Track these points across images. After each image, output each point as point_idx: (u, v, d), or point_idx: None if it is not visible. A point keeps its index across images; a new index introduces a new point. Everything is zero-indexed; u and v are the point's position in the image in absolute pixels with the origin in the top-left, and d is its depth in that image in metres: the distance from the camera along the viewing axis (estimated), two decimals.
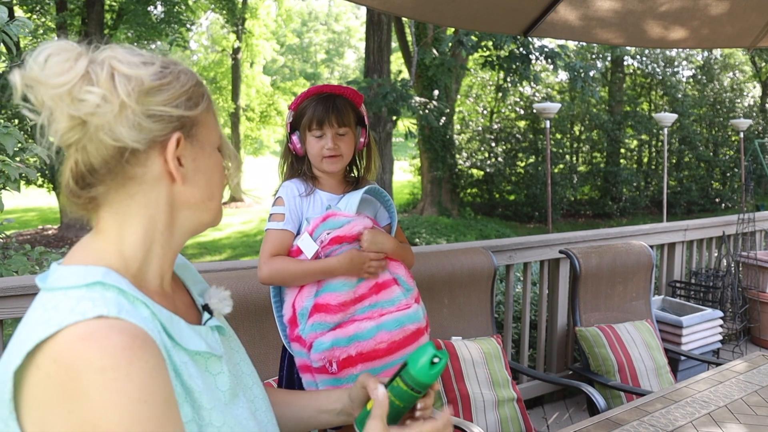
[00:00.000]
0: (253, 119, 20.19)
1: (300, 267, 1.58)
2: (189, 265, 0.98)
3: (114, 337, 0.66)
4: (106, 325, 0.67)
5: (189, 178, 0.82)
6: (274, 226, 1.65)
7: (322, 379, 1.55)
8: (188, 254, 13.28)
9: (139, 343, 0.68)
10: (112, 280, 0.74)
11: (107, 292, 0.72)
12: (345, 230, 1.59)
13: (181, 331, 0.79)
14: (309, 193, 1.69)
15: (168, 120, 0.78)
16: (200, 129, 0.83)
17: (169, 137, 0.78)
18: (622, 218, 16.52)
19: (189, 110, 0.80)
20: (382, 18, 10.56)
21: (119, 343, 0.66)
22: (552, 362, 3.39)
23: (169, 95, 0.78)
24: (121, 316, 0.69)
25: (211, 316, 0.90)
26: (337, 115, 1.63)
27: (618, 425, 1.59)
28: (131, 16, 13.73)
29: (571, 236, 3.43)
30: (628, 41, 3.25)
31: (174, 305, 0.84)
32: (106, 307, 0.69)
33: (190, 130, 0.81)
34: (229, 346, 0.93)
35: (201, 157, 0.84)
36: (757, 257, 4.07)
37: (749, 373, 2.01)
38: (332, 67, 37.00)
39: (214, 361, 0.83)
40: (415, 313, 1.60)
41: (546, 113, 7.41)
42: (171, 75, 0.80)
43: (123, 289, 0.74)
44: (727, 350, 3.92)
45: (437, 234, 12.43)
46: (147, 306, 0.76)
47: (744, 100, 18.64)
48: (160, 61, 0.81)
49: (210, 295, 0.93)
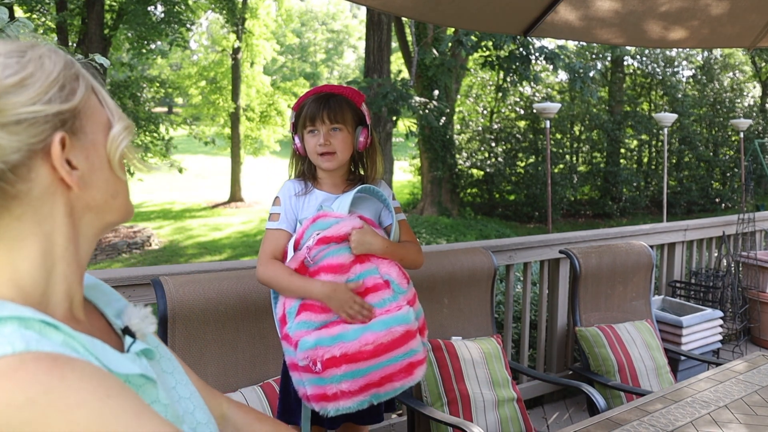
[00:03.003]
0: (253, 119, 20.18)
1: (287, 280, 1.60)
2: (99, 283, 0.85)
3: (29, 366, 0.56)
4: (12, 360, 0.56)
5: (86, 180, 0.69)
6: (271, 226, 1.70)
7: (307, 378, 1.54)
8: (188, 254, 13.29)
9: (64, 360, 0.58)
10: (9, 311, 0.61)
11: (5, 327, 0.59)
12: (333, 231, 1.58)
13: (107, 354, 0.67)
14: (305, 193, 1.71)
15: (43, 121, 0.64)
16: (86, 119, 0.70)
17: (50, 140, 0.65)
18: (622, 218, 16.53)
19: (66, 102, 0.67)
20: (382, 18, 10.56)
21: (39, 368, 0.56)
22: (552, 362, 3.40)
23: (36, 90, 0.65)
24: (30, 348, 0.57)
25: (134, 339, 0.77)
26: (328, 112, 1.65)
27: (618, 425, 1.59)
28: (131, 16, 13.73)
29: (571, 236, 3.43)
30: (628, 41, 3.26)
31: (89, 332, 0.70)
32: (10, 344, 0.57)
33: (74, 124, 0.68)
34: (161, 369, 0.81)
35: (94, 152, 0.70)
36: (757, 257, 4.07)
37: (749, 373, 2.01)
38: (332, 67, 37.02)
39: (148, 387, 0.71)
40: (404, 315, 1.57)
41: (546, 113, 7.42)
42: (32, 64, 0.66)
43: (24, 317, 0.61)
44: (727, 350, 3.92)
45: (437, 234, 12.44)
46: (59, 329, 0.63)
47: (744, 100, 18.65)
48: (15, 48, 0.67)
49: (129, 316, 0.80)
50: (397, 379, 1.56)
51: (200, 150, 23.33)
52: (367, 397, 1.54)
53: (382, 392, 1.56)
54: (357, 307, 1.55)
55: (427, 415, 2.13)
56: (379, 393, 1.55)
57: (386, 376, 1.54)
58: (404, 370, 1.57)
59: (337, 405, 1.52)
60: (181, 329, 1.85)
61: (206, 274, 1.97)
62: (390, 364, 1.54)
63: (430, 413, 2.13)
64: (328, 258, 1.58)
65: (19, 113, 0.63)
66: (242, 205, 18.43)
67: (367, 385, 1.52)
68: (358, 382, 1.51)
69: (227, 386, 1.93)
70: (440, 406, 2.26)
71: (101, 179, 0.71)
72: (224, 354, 1.94)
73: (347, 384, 1.51)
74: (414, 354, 1.58)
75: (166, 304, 1.81)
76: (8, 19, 2.15)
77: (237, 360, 1.97)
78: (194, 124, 18.65)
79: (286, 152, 21.31)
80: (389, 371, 1.54)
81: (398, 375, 1.56)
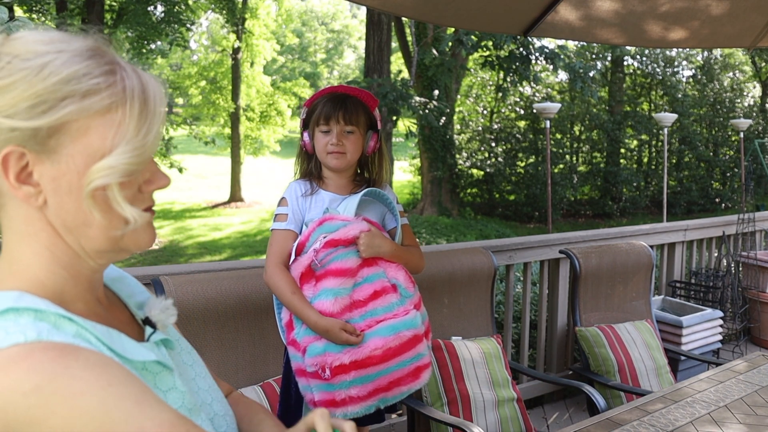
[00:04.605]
0: (253, 119, 20.17)
1: (288, 297, 1.58)
2: (125, 276, 0.87)
3: (37, 354, 0.59)
4: (23, 349, 0.59)
5: (50, 199, 0.67)
6: (278, 227, 1.69)
7: (315, 384, 1.54)
8: (188, 254, 13.30)
9: (70, 349, 0.61)
10: (27, 302, 0.64)
11: (20, 317, 0.62)
12: (340, 234, 1.58)
13: (123, 343, 0.70)
14: (311, 193, 1.70)
15: None
16: (67, 139, 0.65)
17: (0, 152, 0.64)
18: (622, 218, 16.53)
19: (32, 119, 0.63)
20: (382, 18, 10.56)
21: (46, 357, 0.59)
22: (552, 362, 3.39)
23: (4, 101, 0.63)
24: (41, 338, 0.60)
25: (154, 330, 0.79)
26: (344, 113, 1.65)
27: (618, 425, 1.59)
28: (131, 16, 13.73)
29: (571, 236, 3.43)
30: (628, 41, 3.25)
31: (110, 323, 0.73)
32: (22, 333, 0.60)
33: (45, 142, 0.64)
34: (181, 360, 0.83)
35: (65, 174, 0.66)
36: (757, 257, 4.07)
37: (749, 373, 2.01)
38: (332, 67, 37.02)
39: (164, 375, 0.73)
40: (412, 319, 1.58)
41: (546, 113, 7.42)
42: (24, 72, 0.63)
43: (40, 309, 0.64)
44: (727, 350, 3.92)
45: (437, 234, 12.43)
46: (73, 321, 0.65)
47: (744, 100, 18.65)
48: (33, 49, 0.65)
49: (150, 307, 0.81)
50: (405, 383, 1.56)
51: (200, 150, 23.31)
52: (375, 401, 1.54)
53: (390, 396, 1.56)
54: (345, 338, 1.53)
55: (427, 415, 2.13)
56: (387, 397, 1.56)
57: (394, 380, 1.54)
58: (411, 374, 1.57)
59: (345, 410, 1.52)
60: (181, 329, 1.82)
61: (206, 274, 1.97)
62: (398, 369, 1.54)
63: (430, 413, 2.13)
64: (335, 261, 1.57)
65: None
66: (242, 205, 18.43)
67: (375, 390, 1.52)
68: (367, 387, 1.52)
69: None
70: (440, 406, 2.26)
71: (70, 204, 0.67)
72: (224, 354, 1.94)
73: (356, 390, 1.51)
74: (421, 358, 1.59)
75: None
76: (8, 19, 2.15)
77: (237, 360, 1.97)
78: (194, 124, 18.65)
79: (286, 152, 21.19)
80: (397, 376, 1.54)
81: (406, 379, 1.56)
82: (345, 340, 1.51)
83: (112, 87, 0.67)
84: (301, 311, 1.56)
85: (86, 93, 0.65)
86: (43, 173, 0.65)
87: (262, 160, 22.57)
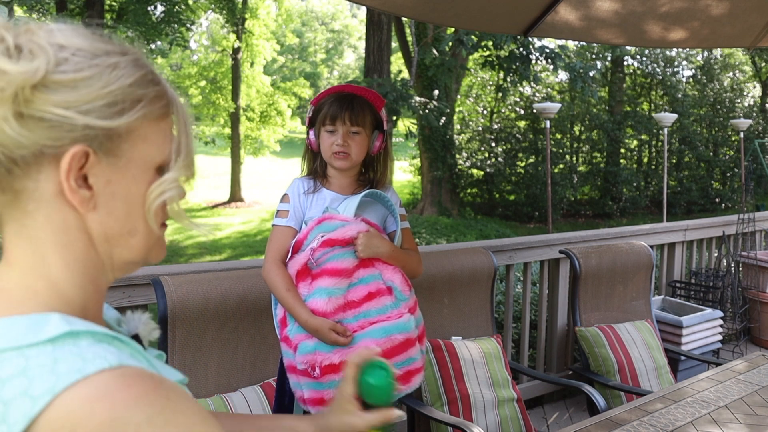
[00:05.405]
0: (253, 119, 20.17)
1: (283, 294, 1.59)
2: None
3: (137, 382, 0.55)
4: (116, 375, 0.54)
5: (99, 204, 0.63)
6: (279, 222, 1.69)
7: (305, 381, 1.54)
8: (188, 254, 13.30)
9: (158, 377, 0.58)
10: (77, 325, 0.58)
11: (81, 341, 0.56)
12: (338, 234, 1.57)
13: (158, 365, 0.67)
14: (314, 191, 1.70)
15: (66, 128, 0.59)
16: (126, 143, 0.63)
17: (65, 150, 0.59)
18: (622, 218, 16.52)
19: (106, 119, 0.60)
20: (382, 18, 10.56)
21: (147, 386, 0.55)
22: (552, 362, 3.40)
23: (80, 96, 0.59)
24: (122, 363, 0.56)
25: (144, 347, 0.76)
26: (351, 113, 1.64)
27: (618, 425, 1.59)
28: (131, 16, 13.73)
29: (571, 236, 3.43)
30: (628, 41, 3.26)
31: None
32: (103, 359, 0.55)
33: (107, 144, 0.61)
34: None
35: (121, 180, 0.63)
36: (757, 257, 4.07)
37: (749, 373, 2.01)
38: (332, 67, 37.03)
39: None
40: (405, 323, 1.57)
41: (546, 113, 7.41)
42: (95, 69, 0.60)
43: (95, 332, 0.59)
44: (727, 350, 3.92)
45: (437, 234, 12.42)
46: (124, 342, 0.62)
47: (744, 100, 18.64)
48: (92, 48, 0.62)
49: (133, 323, 0.78)
50: None
51: (200, 150, 23.30)
52: None
53: None
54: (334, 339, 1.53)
55: (427, 415, 2.13)
56: None
57: None
58: (402, 378, 1.56)
59: None
60: (181, 329, 1.84)
61: (206, 274, 1.97)
62: None
63: (430, 413, 2.13)
64: (331, 261, 1.56)
65: (45, 111, 0.57)
66: (242, 205, 18.42)
67: None
68: None
69: (227, 386, 1.93)
70: (440, 406, 2.26)
71: (120, 209, 0.64)
72: (224, 354, 1.94)
73: None
74: (412, 362, 1.58)
75: (166, 304, 1.81)
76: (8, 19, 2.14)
77: (237, 360, 1.97)
78: (194, 124, 18.58)
79: (286, 152, 21.13)
80: None
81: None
82: (334, 341, 1.51)
83: (167, 95, 0.66)
84: (293, 309, 1.56)
85: (153, 98, 0.64)
86: (98, 177, 0.62)
87: (262, 160, 22.57)
